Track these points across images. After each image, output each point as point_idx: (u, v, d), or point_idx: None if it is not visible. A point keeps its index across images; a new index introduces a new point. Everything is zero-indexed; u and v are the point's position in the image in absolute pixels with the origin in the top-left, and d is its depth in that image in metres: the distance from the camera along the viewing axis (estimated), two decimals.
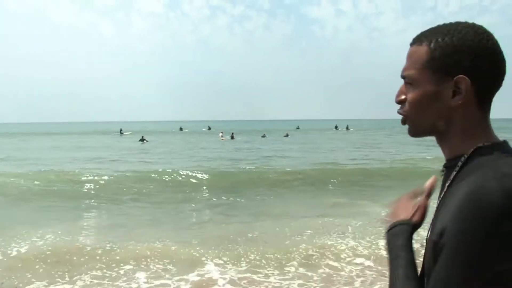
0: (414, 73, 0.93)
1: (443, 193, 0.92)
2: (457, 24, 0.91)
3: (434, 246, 0.82)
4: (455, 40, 0.88)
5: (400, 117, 1.00)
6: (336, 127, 68.44)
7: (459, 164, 0.90)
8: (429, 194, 1.09)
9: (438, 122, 0.93)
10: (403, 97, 0.97)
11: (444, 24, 0.93)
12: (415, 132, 0.99)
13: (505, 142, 0.91)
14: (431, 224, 0.91)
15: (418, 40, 0.95)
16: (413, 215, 1.06)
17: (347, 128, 66.01)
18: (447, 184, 0.91)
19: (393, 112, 1.03)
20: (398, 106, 1.00)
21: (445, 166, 0.96)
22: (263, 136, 45.51)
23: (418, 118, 0.96)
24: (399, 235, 1.03)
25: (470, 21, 0.91)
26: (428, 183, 1.11)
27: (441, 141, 0.97)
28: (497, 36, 0.89)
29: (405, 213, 1.07)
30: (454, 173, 0.90)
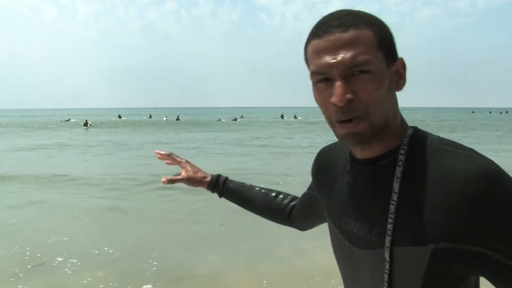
0: (374, 58, 0.78)
1: (394, 194, 0.81)
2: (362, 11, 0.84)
3: (447, 253, 0.75)
4: (382, 23, 0.83)
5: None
6: (282, 116, 66.65)
7: (402, 158, 0.82)
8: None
9: (390, 113, 0.82)
10: (349, 95, 0.78)
11: (356, 10, 0.83)
12: (371, 134, 0.80)
13: (414, 126, 0.89)
14: (391, 229, 0.80)
15: (350, 23, 0.79)
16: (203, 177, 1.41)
17: (295, 117, 64.34)
18: (396, 181, 0.81)
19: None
20: None
21: (372, 165, 0.85)
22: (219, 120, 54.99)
23: (379, 113, 0.80)
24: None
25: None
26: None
27: (374, 137, 0.81)
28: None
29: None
30: (400, 168, 0.81)
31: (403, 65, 0.84)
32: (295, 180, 10.71)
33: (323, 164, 1.06)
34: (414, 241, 0.77)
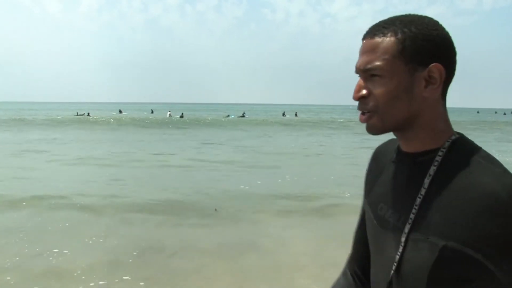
0: (384, 64, 0.87)
1: (423, 189, 0.88)
2: (413, 15, 0.91)
3: (453, 253, 0.80)
4: (421, 29, 0.87)
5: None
6: (283, 114, 66.36)
7: (438, 159, 0.88)
8: None
9: (410, 115, 0.89)
10: (364, 92, 0.91)
11: (399, 16, 0.91)
12: (383, 128, 0.92)
13: (461, 133, 0.94)
14: (413, 219, 0.87)
15: (378, 32, 0.89)
16: None
17: (296, 115, 64.12)
18: (428, 178, 0.88)
19: (340, 98, 1.75)
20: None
21: (413, 159, 0.93)
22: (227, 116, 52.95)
23: (390, 112, 0.89)
24: None
25: (419, 10, 0.94)
26: None
27: (407, 135, 0.93)
28: (444, 26, 0.89)
29: None
30: (434, 168, 0.88)
31: (439, 72, 0.86)
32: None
33: (376, 158, 1.12)
34: (428, 235, 0.83)
